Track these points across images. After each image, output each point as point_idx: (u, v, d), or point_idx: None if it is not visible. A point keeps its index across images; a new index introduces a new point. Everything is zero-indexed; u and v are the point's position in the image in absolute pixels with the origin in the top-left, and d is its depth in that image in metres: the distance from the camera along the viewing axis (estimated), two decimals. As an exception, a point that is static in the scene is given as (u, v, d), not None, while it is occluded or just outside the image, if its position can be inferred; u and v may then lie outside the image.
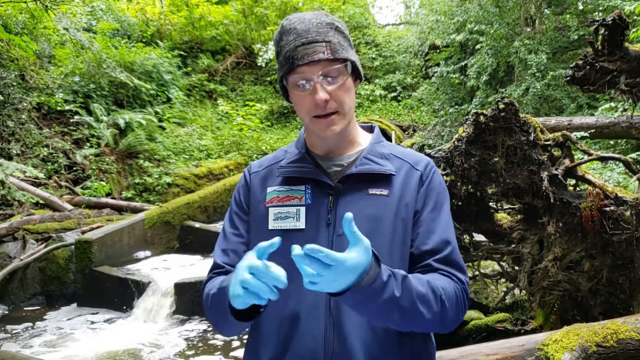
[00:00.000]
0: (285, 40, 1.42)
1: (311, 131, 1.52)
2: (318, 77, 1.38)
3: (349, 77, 1.45)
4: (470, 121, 3.38)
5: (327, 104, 1.39)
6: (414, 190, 1.49)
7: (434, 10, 15.14)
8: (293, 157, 1.55)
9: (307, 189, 1.47)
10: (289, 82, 1.44)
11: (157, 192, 11.07)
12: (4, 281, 7.08)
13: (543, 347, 2.38)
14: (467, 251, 3.77)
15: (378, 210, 1.43)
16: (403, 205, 1.46)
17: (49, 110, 11.53)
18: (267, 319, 1.43)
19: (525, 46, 11.45)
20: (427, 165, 1.55)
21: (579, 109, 10.56)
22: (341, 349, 1.35)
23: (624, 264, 3.22)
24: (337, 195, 1.46)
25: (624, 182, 5.82)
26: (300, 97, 1.42)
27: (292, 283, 1.38)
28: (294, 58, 1.38)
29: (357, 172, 1.46)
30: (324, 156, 1.55)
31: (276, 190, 1.51)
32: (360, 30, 18.19)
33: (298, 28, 1.41)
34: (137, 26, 16.12)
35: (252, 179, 1.59)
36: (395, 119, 15.03)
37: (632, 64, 3.32)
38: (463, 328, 4.36)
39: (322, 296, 1.36)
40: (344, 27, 1.52)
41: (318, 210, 1.45)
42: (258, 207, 1.52)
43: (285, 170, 1.52)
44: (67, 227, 8.30)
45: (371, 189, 1.46)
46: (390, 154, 1.55)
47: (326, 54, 1.38)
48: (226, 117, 14.86)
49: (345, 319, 1.37)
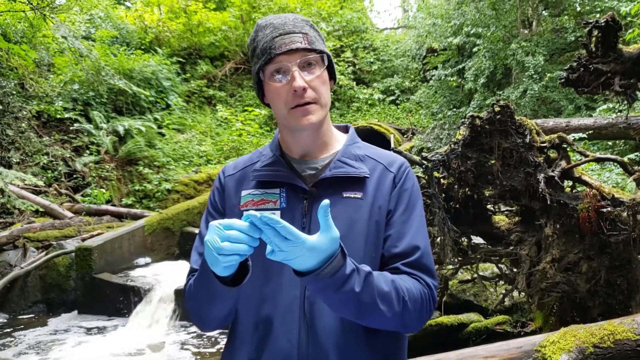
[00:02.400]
0: (262, 35, 1.43)
1: (287, 125, 1.49)
2: (295, 65, 1.38)
3: (325, 70, 1.45)
4: (466, 124, 3.39)
5: (305, 92, 1.39)
6: (387, 192, 1.49)
7: (431, 13, 15.21)
8: (267, 160, 1.54)
9: (282, 193, 1.46)
10: (265, 74, 1.43)
11: (157, 198, 11.09)
12: (4, 289, 7.09)
13: (540, 348, 2.39)
14: (466, 254, 3.78)
15: (353, 214, 1.43)
16: (376, 207, 1.46)
17: (49, 119, 11.57)
18: (242, 323, 1.44)
19: (523, 48, 11.49)
20: (401, 167, 1.54)
21: (577, 110, 10.58)
22: (315, 351, 1.36)
23: (622, 264, 3.23)
24: (312, 199, 1.45)
25: (623, 182, 5.83)
26: (277, 89, 1.41)
27: (267, 287, 1.40)
28: (271, 48, 1.39)
29: (331, 176, 1.46)
30: (298, 159, 1.54)
31: (251, 194, 1.49)
32: (358, 35, 18.23)
33: (275, 22, 1.43)
34: (136, 33, 16.18)
35: (227, 181, 1.58)
36: (393, 122, 15.05)
37: (625, 66, 3.33)
38: (462, 331, 4.37)
39: (297, 299, 1.38)
40: (319, 32, 1.52)
41: (293, 214, 1.44)
42: (233, 210, 1.51)
43: (259, 174, 1.51)
44: (67, 234, 8.31)
45: (345, 192, 1.46)
46: (365, 155, 1.54)
47: (303, 44, 1.39)
48: (225, 122, 14.89)
49: (318, 321, 1.37)
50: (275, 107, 1.47)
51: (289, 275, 1.34)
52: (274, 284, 1.40)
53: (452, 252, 3.59)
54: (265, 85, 1.46)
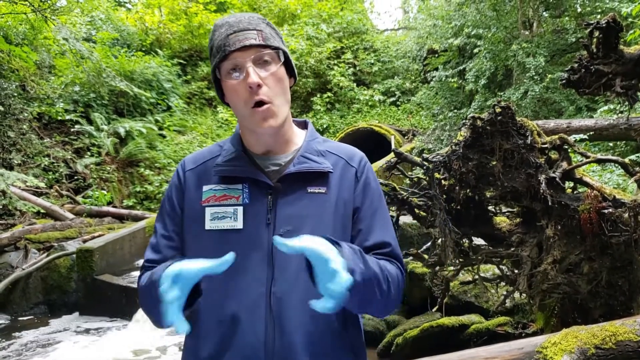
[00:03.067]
0: (218, 33, 1.43)
1: (247, 125, 1.49)
2: (249, 61, 1.38)
3: (281, 67, 1.44)
4: (467, 125, 3.39)
5: (260, 88, 1.38)
6: (350, 187, 1.51)
7: (431, 15, 15.21)
8: (229, 155, 1.52)
9: (245, 188, 1.46)
10: (222, 73, 1.43)
11: (158, 200, 11.09)
12: (6, 291, 7.10)
13: (542, 350, 2.38)
14: (467, 255, 3.78)
15: (318, 209, 1.44)
16: (341, 201, 1.48)
17: (50, 120, 11.59)
18: (205, 319, 1.42)
19: (524, 49, 11.48)
20: (361, 161, 1.57)
21: (578, 111, 10.57)
22: (282, 344, 1.36)
23: (623, 266, 3.22)
24: (276, 195, 1.45)
25: (624, 184, 5.82)
26: (234, 86, 1.41)
27: (230, 282, 1.39)
28: (226, 45, 1.39)
29: (296, 171, 1.46)
30: (260, 155, 1.53)
31: (212, 189, 1.48)
32: (358, 36, 18.25)
33: (230, 21, 1.43)
34: (137, 35, 16.20)
35: (187, 176, 1.55)
36: (394, 123, 15.06)
37: (627, 67, 3.32)
38: (464, 332, 4.37)
39: (263, 295, 1.38)
40: (277, 30, 1.51)
41: (256, 210, 1.44)
42: (193, 206, 1.49)
43: (221, 169, 1.49)
44: (68, 236, 8.32)
45: (310, 187, 1.47)
46: (326, 150, 1.56)
47: (257, 40, 1.39)
48: (226, 124, 14.90)
49: (285, 315, 1.37)
50: (234, 105, 1.46)
51: (253, 273, 1.38)
52: (238, 281, 1.39)
53: (453, 254, 3.59)
54: (223, 84, 1.46)
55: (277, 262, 1.39)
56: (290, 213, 1.43)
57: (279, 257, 1.38)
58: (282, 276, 1.39)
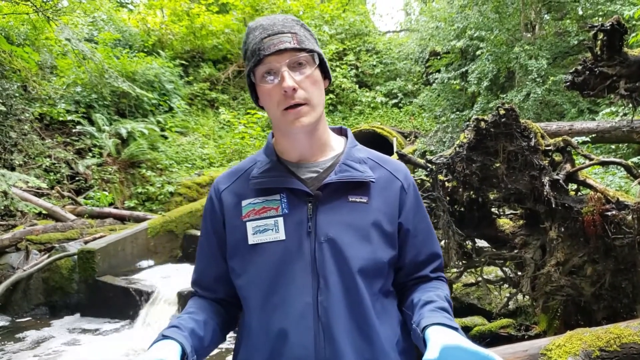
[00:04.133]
0: (252, 37, 1.41)
1: (280, 128, 1.47)
2: (285, 65, 1.35)
3: (316, 69, 1.41)
4: (471, 127, 3.39)
5: (296, 92, 1.36)
6: (394, 200, 1.49)
7: (434, 17, 15.22)
8: (264, 166, 1.49)
9: (283, 198, 1.44)
10: (256, 76, 1.41)
11: (159, 201, 11.09)
12: (7, 292, 7.09)
13: (546, 352, 2.38)
14: (470, 257, 3.77)
15: (358, 218, 1.43)
16: (382, 213, 1.46)
17: (51, 121, 11.58)
18: (255, 332, 1.42)
19: (526, 52, 11.49)
20: (407, 175, 1.56)
21: (580, 113, 10.57)
22: (332, 354, 1.35)
23: (627, 268, 3.22)
24: (317, 203, 1.43)
25: (626, 186, 5.82)
26: (268, 90, 1.39)
27: (275, 296, 1.39)
28: (260, 49, 1.36)
29: (338, 180, 1.43)
30: (295, 162, 1.50)
31: (251, 203, 1.46)
32: (360, 38, 18.25)
33: (264, 24, 1.40)
34: (139, 36, 16.21)
35: (223, 197, 1.53)
36: (396, 125, 15.06)
37: (631, 69, 3.32)
38: (467, 334, 4.35)
39: (310, 306, 1.37)
40: (311, 30, 1.48)
41: (297, 219, 1.42)
42: (234, 223, 1.48)
43: (257, 182, 1.47)
44: (70, 237, 8.31)
45: (351, 196, 1.44)
46: (368, 158, 1.54)
47: (292, 44, 1.36)
48: (228, 125, 14.90)
49: (334, 324, 1.36)
50: (268, 109, 1.44)
51: (297, 283, 1.37)
52: (282, 293, 1.39)
53: (456, 256, 3.58)
54: (257, 88, 1.44)
55: (320, 271, 1.38)
56: (330, 221, 1.41)
57: (322, 265, 1.38)
58: (326, 285, 1.38)
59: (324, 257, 1.38)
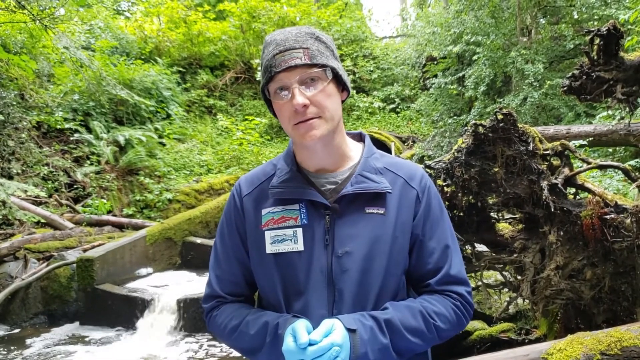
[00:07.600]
0: (266, 52, 1.41)
1: (294, 141, 1.49)
2: (295, 82, 1.36)
3: (330, 83, 1.42)
4: (469, 132, 3.40)
5: (307, 109, 1.36)
6: (409, 209, 1.48)
7: (430, 22, 15.30)
8: (284, 175, 1.50)
9: (302, 209, 1.45)
10: (270, 92, 1.42)
11: (158, 208, 11.07)
12: (5, 301, 7.06)
13: (547, 356, 2.38)
14: (470, 262, 3.77)
15: (376, 230, 1.42)
16: (399, 224, 1.45)
17: (49, 129, 11.57)
18: None
19: (522, 56, 11.54)
20: (422, 181, 1.53)
21: (577, 117, 10.61)
22: None
23: (626, 271, 3.22)
24: (334, 216, 1.43)
25: (624, 189, 5.83)
26: (281, 106, 1.39)
27: (290, 308, 1.42)
28: (272, 66, 1.37)
29: (354, 192, 1.43)
30: (315, 172, 1.51)
31: (270, 212, 1.47)
32: (357, 44, 18.31)
33: (277, 39, 1.41)
34: (136, 43, 16.22)
35: (245, 202, 1.54)
36: (394, 130, 15.08)
37: (627, 73, 3.34)
38: (467, 339, 4.35)
39: (325, 317, 1.37)
40: (328, 40, 1.48)
41: (314, 230, 1.43)
42: (254, 230, 1.50)
43: (277, 191, 1.48)
44: (68, 245, 8.29)
45: (368, 208, 1.44)
46: (384, 167, 1.53)
47: (303, 60, 1.36)
48: (226, 132, 14.91)
49: None
50: (282, 123, 1.45)
51: (314, 295, 1.39)
52: (300, 304, 1.41)
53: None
54: (272, 103, 1.45)
55: (336, 284, 1.40)
56: (348, 234, 1.42)
57: (338, 279, 1.39)
58: (341, 298, 1.39)
59: (340, 270, 1.39)
